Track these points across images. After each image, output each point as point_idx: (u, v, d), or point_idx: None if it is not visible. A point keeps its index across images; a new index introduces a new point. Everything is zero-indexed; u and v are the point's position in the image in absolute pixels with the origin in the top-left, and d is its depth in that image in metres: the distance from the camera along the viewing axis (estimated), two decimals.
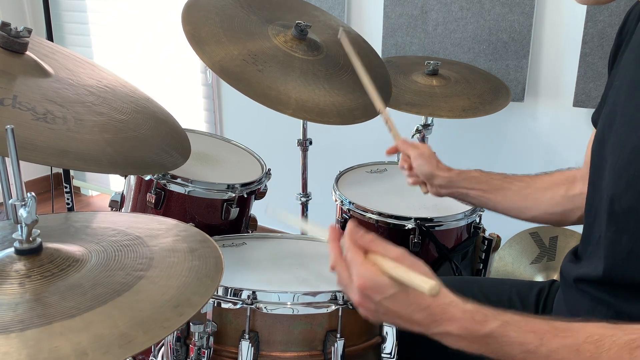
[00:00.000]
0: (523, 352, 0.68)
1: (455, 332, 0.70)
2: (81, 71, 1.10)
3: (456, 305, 0.71)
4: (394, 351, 0.93)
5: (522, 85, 1.92)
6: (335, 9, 2.21)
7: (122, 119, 1.02)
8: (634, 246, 0.75)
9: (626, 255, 0.76)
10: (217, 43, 1.32)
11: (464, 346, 0.71)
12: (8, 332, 0.59)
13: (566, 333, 0.68)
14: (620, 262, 0.77)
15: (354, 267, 0.72)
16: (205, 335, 0.88)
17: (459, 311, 0.70)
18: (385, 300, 0.70)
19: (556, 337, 0.68)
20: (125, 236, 0.80)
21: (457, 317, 0.70)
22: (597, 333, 0.67)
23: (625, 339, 0.65)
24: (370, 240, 0.73)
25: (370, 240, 0.73)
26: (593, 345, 0.66)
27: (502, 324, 0.69)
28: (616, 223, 0.77)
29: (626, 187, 0.74)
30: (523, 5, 1.86)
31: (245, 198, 1.40)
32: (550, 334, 0.68)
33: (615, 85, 0.84)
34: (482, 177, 1.17)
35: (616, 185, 0.76)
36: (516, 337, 0.69)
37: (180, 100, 2.79)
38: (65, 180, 2.37)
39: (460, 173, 1.18)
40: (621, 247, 0.77)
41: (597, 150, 0.86)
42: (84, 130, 0.93)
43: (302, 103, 1.29)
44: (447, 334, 0.71)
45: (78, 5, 2.98)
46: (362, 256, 0.72)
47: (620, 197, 0.75)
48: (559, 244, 1.87)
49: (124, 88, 1.15)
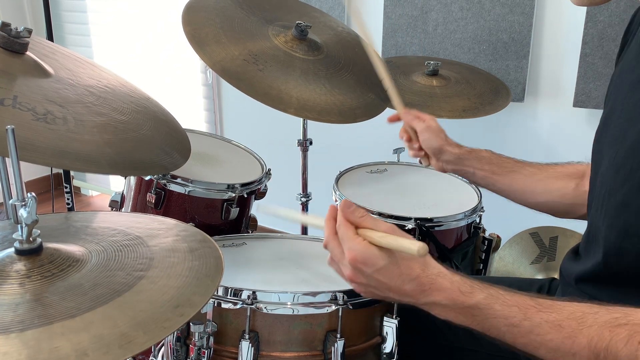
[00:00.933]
0: (507, 325, 0.70)
1: (443, 302, 0.72)
2: (81, 71, 1.10)
3: (444, 276, 0.73)
4: (394, 351, 0.93)
5: (522, 85, 1.92)
6: (335, 9, 2.21)
7: (122, 120, 1.02)
8: (622, 242, 0.75)
9: (617, 251, 0.77)
10: (218, 43, 1.32)
11: (451, 317, 0.73)
12: (8, 332, 0.59)
13: (550, 309, 0.69)
14: (613, 259, 0.78)
15: (345, 242, 0.74)
16: (205, 335, 0.88)
17: (446, 281, 0.72)
18: (376, 272, 0.72)
19: (539, 312, 0.69)
20: (125, 236, 0.80)
21: (444, 287, 0.72)
22: (580, 310, 0.67)
23: (608, 317, 0.65)
24: (360, 216, 0.75)
25: (361, 215, 0.75)
26: (575, 322, 0.66)
27: (487, 296, 0.71)
28: (610, 218, 0.78)
29: (623, 181, 0.75)
30: (523, 5, 1.86)
31: (245, 198, 1.40)
32: (535, 309, 0.69)
33: (616, 83, 0.84)
34: (493, 158, 1.17)
35: (613, 180, 0.77)
36: (500, 311, 0.70)
37: (180, 100, 2.79)
38: (66, 180, 2.37)
39: (471, 151, 1.18)
40: (611, 243, 0.77)
41: (595, 148, 0.86)
42: (84, 130, 0.93)
43: (304, 102, 1.29)
44: (435, 304, 0.73)
45: (78, 5, 2.98)
46: (353, 231, 0.74)
47: (616, 192, 0.76)
48: (559, 244, 1.87)
49: (124, 88, 1.15)
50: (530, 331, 0.68)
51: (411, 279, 0.72)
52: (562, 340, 0.66)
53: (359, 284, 0.75)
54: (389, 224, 0.74)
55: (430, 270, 0.73)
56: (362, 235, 0.74)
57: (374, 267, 0.72)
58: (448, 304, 0.72)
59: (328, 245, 0.78)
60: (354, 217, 0.75)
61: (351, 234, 0.74)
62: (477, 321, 0.72)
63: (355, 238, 0.73)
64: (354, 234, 0.74)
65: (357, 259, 0.72)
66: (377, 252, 0.72)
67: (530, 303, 0.70)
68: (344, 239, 0.74)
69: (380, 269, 0.72)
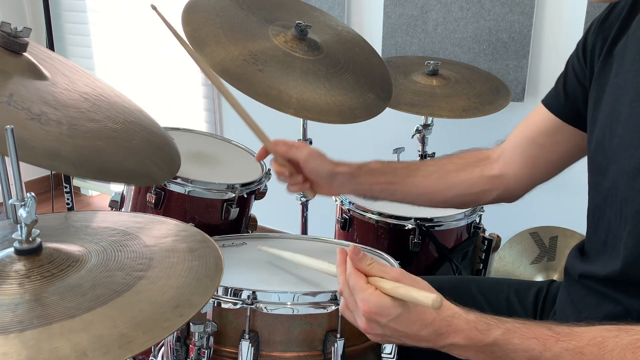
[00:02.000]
0: (528, 358, 0.69)
1: (462, 343, 0.71)
2: (77, 78, 1.10)
3: (459, 317, 0.72)
4: (394, 351, 0.93)
5: (522, 85, 1.92)
6: (335, 9, 2.21)
7: (115, 128, 1.02)
8: None
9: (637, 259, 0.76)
10: (218, 43, 1.32)
11: (471, 356, 0.72)
12: (7, 332, 0.59)
13: (569, 337, 0.68)
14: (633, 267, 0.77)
15: (358, 293, 0.73)
16: (205, 336, 0.88)
17: (462, 322, 0.71)
18: (391, 322, 0.71)
19: (559, 342, 0.68)
20: (125, 236, 0.80)
21: (461, 328, 0.71)
22: (600, 335, 0.67)
23: (629, 339, 0.65)
24: (368, 264, 0.74)
25: (369, 263, 0.74)
26: (596, 347, 0.66)
27: (505, 331, 0.70)
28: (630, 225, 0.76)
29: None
30: (523, 5, 1.86)
31: (245, 198, 1.40)
32: (553, 338, 0.69)
33: (614, 83, 0.83)
34: (385, 167, 1.11)
35: (629, 186, 0.76)
36: (520, 344, 0.69)
37: (180, 100, 2.79)
38: (65, 180, 2.37)
39: (361, 166, 1.10)
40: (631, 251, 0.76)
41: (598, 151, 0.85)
42: (77, 135, 0.92)
43: (303, 102, 1.29)
44: (454, 345, 0.72)
45: (78, 5, 2.98)
46: (363, 280, 0.73)
47: (634, 199, 0.75)
48: (559, 244, 1.87)
49: (119, 99, 1.15)
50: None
51: (427, 325, 0.71)
52: None
53: (375, 334, 0.74)
54: (397, 270, 0.74)
55: (445, 313, 0.72)
56: (374, 285, 0.73)
57: (388, 317, 0.71)
58: (467, 344, 0.71)
59: (343, 293, 0.77)
60: (363, 265, 0.74)
61: (362, 284, 0.73)
62: (497, 357, 0.71)
63: (367, 288, 0.72)
64: (365, 284, 0.73)
65: (372, 311, 0.71)
66: (390, 302, 0.71)
67: (548, 333, 0.69)
68: (356, 290, 0.73)
69: (395, 318, 0.71)
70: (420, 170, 1.10)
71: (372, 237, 1.42)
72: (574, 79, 0.93)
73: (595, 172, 0.86)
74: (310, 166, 1.07)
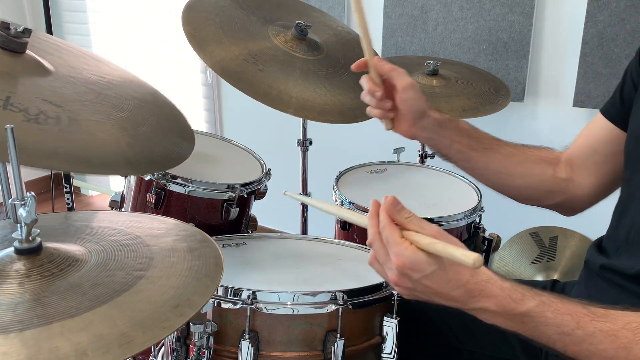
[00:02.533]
0: (558, 333, 0.69)
1: (492, 309, 0.71)
2: (84, 67, 1.09)
3: (494, 283, 0.71)
4: (394, 351, 0.93)
5: (522, 85, 1.92)
6: (335, 9, 2.21)
7: (122, 117, 1.01)
8: None
9: None
10: (218, 43, 1.32)
11: (499, 322, 0.72)
12: (7, 332, 0.59)
13: (604, 318, 0.68)
14: None
15: (392, 246, 0.71)
16: (205, 335, 0.88)
17: (496, 288, 0.71)
18: (423, 278, 0.70)
19: (593, 322, 0.68)
20: (125, 236, 0.80)
21: (494, 294, 0.70)
22: (635, 321, 0.67)
23: None
24: (407, 217, 0.72)
25: (407, 216, 0.72)
26: (631, 333, 0.66)
27: (539, 303, 0.70)
28: None
29: None
30: (523, 5, 1.86)
31: (245, 198, 1.40)
32: (588, 317, 0.68)
33: None
34: (472, 130, 1.06)
35: None
36: (552, 319, 0.69)
37: (180, 100, 2.77)
38: (65, 180, 2.37)
39: (451, 119, 1.05)
40: None
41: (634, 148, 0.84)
42: (77, 130, 0.92)
43: (303, 102, 1.29)
44: (484, 309, 0.71)
45: (78, 5, 2.98)
46: (398, 234, 0.71)
47: None
48: (559, 244, 1.87)
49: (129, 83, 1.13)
50: (583, 340, 0.68)
51: (460, 285, 0.70)
52: (616, 350, 0.66)
53: (404, 288, 0.73)
54: (435, 227, 0.71)
55: (480, 277, 0.71)
56: (409, 239, 0.71)
57: (422, 273, 0.70)
58: (497, 310, 0.70)
59: (373, 245, 0.74)
60: (400, 217, 0.72)
61: (397, 238, 0.71)
62: (526, 328, 0.71)
63: (402, 242, 0.70)
64: (400, 238, 0.71)
65: (405, 265, 0.70)
66: (425, 258, 0.69)
67: (583, 311, 0.69)
68: (390, 243, 0.71)
69: (429, 275, 0.70)
70: (502, 148, 1.06)
71: None
72: (631, 83, 0.93)
73: (629, 168, 0.86)
74: (407, 95, 1.00)
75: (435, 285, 0.71)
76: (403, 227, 0.72)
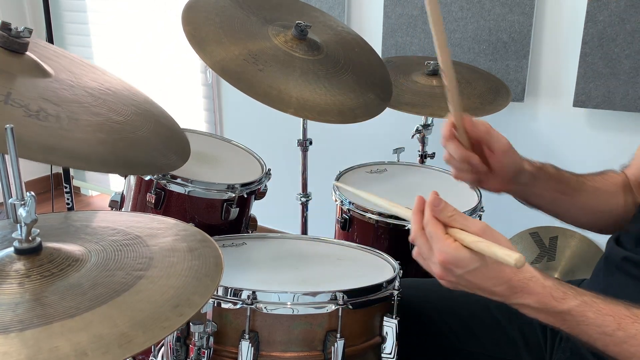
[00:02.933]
0: (599, 333, 0.70)
1: (533, 305, 0.72)
2: (84, 74, 1.10)
3: (536, 281, 0.72)
4: (394, 351, 0.93)
5: (522, 85, 1.92)
6: (335, 9, 2.21)
7: (119, 120, 1.02)
8: None
9: None
10: (218, 43, 1.32)
11: (541, 318, 0.73)
12: (7, 332, 0.59)
13: None
14: None
15: (435, 243, 0.72)
16: (205, 335, 0.88)
17: (538, 286, 0.72)
18: (466, 274, 0.72)
19: (635, 323, 0.69)
20: (125, 236, 0.80)
21: (536, 291, 0.72)
22: None
23: None
24: (450, 215, 0.73)
25: (451, 215, 0.73)
26: None
27: (581, 303, 0.71)
28: None
29: None
30: (523, 5, 1.86)
31: (245, 198, 1.40)
32: (630, 319, 0.69)
33: None
34: (558, 175, 1.00)
35: None
36: (594, 319, 0.70)
37: (180, 100, 2.79)
38: (65, 180, 2.37)
39: (540, 168, 0.98)
40: None
41: None
42: (77, 129, 0.92)
43: (303, 102, 1.29)
44: (525, 305, 0.73)
45: (78, 5, 2.98)
46: (442, 230, 0.72)
47: None
48: (559, 244, 1.87)
49: (127, 92, 1.15)
50: (624, 341, 0.69)
51: (502, 282, 0.72)
52: None
53: (448, 281, 0.74)
54: (480, 224, 0.72)
55: (523, 274, 0.72)
56: (453, 236, 0.72)
57: (464, 269, 0.71)
58: (539, 307, 0.72)
59: (416, 240, 0.76)
60: (443, 215, 0.73)
61: (441, 235, 0.72)
62: (567, 325, 0.72)
63: (446, 239, 0.71)
64: (443, 235, 0.72)
65: (448, 261, 0.71)
66: (468, 255, 0.70)
67: (625, 313, 0.70)
68: (434, 239, 0.72)
69: (472, 271, 0.71)
70: (585, 185, 1.00)
71: (372, 237, 1.41)
72: None
73: None
74: (506, 160, 0.92)
75: (478, 280, 0.72)
76: (447, 225, 0.73)
